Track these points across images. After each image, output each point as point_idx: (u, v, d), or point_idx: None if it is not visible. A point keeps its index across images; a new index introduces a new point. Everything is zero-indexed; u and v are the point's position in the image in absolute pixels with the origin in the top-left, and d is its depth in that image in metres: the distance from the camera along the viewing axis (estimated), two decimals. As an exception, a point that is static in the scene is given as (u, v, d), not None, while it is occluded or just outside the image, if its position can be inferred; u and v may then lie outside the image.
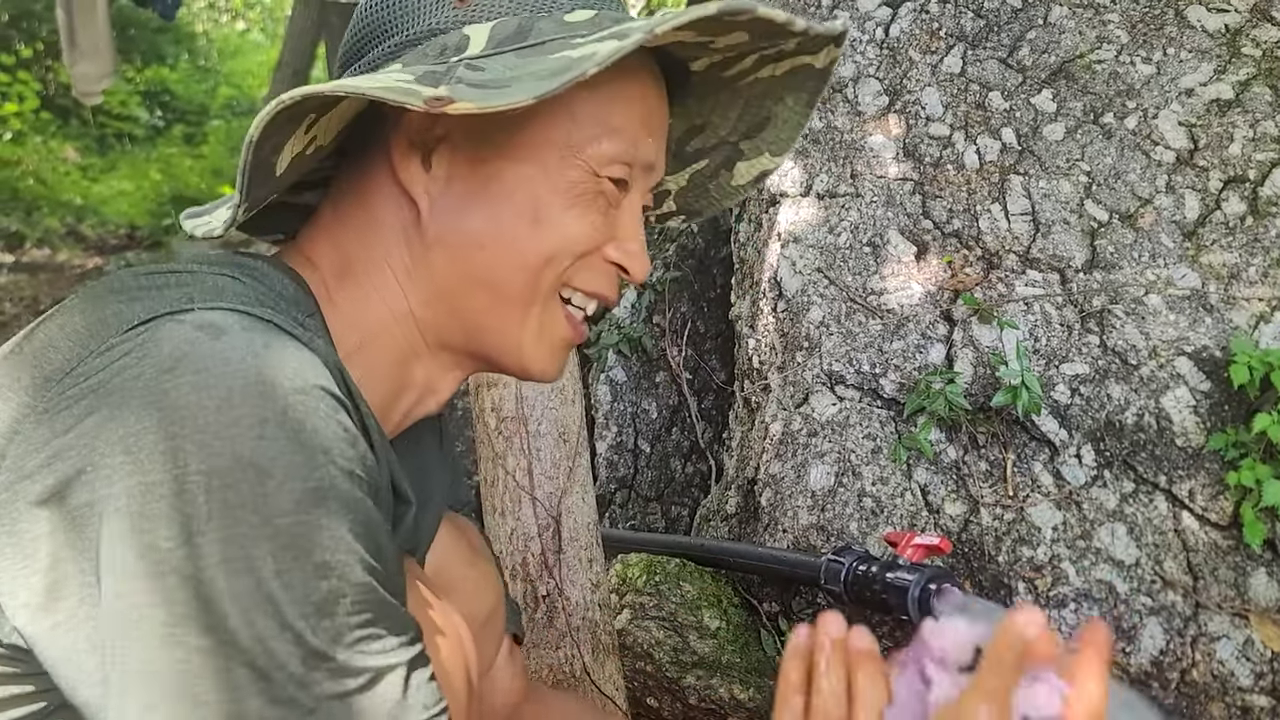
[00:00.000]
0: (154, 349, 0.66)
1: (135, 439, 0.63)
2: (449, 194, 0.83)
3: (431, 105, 0.70)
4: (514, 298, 0.84)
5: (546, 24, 0.81)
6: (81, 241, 6.13)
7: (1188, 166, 1.91)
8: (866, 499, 1.74)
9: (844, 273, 1.94)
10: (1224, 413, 1.67)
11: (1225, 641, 1.55)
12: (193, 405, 0.63)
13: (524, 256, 0.83)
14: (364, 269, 0.85)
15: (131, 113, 8.16)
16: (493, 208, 0.82)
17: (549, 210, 0.82)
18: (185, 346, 0.66)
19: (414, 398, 0.90)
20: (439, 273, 0.84)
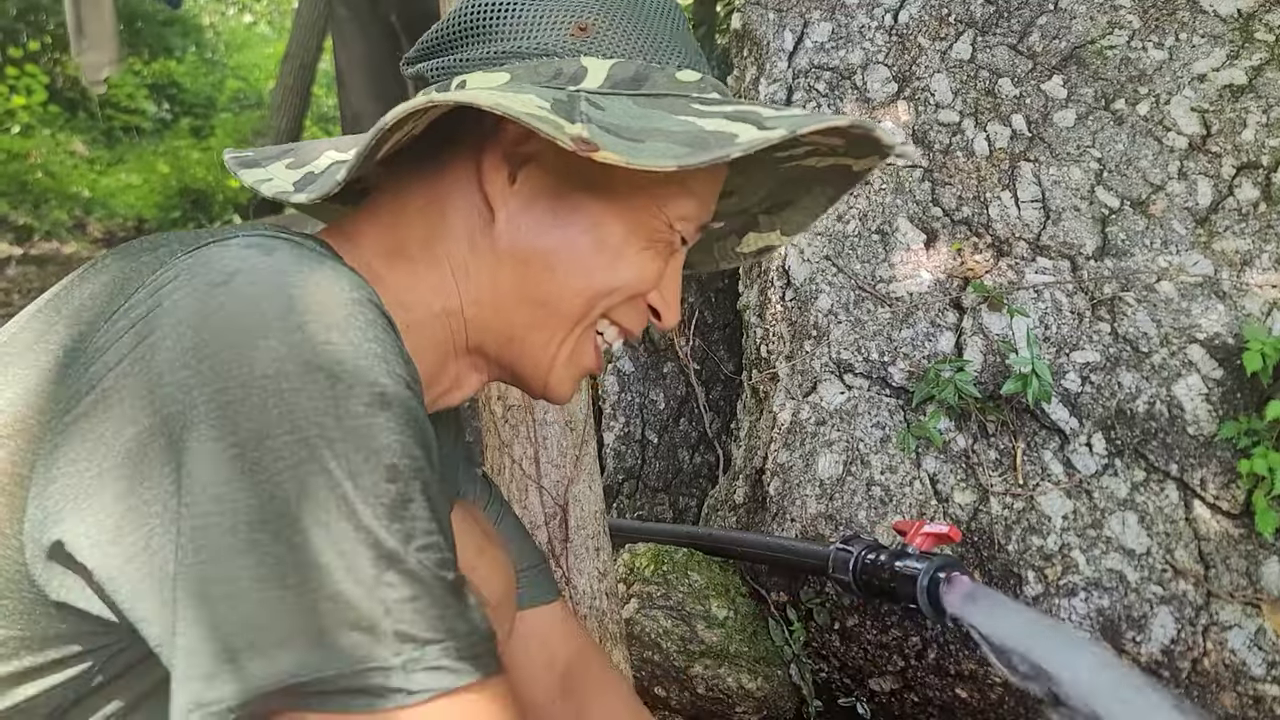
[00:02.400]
0: (203, 269, 0.66)
1: (196, 352, 0.63)
2: (530, 211, 0.85)
3: (580, 147, 0.73)
4: (562, 321, 0.88)
5: (660, 77, 0.85)
6: (89, 234, 6.15)
7: (1200, 153, 1.89)
8: (875, 488, 1.73)
9: (852, 261, 1.93)
10: (1236, 400, 1.65)
11: (1237, 631, 1.54)
12: (253, 313, 0.63)
13: (591, 286, 0.87)
14: (421, 257, 0.86)
15: (139, 106, 8.17)
16: (571, 235, 0.86)
17: (627, 249, 0.87)
18: (236, 262, 0.66)
19: (443, 388, 0.92)
20: (501, 282, 0.86)
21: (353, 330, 0.66)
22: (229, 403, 0.62)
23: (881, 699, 1.77)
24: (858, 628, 1.73)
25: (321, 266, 0.68)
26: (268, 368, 0.62)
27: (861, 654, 1.74)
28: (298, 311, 0.64)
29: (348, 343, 0.65)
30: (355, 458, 0.63)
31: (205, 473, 0.61)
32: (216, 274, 0.66)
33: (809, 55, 2.18)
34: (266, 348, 0.63)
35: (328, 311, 0.65)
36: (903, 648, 1.69)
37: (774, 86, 2.17)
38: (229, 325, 0.63)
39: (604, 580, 1.58)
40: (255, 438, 0.61)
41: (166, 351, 0.63)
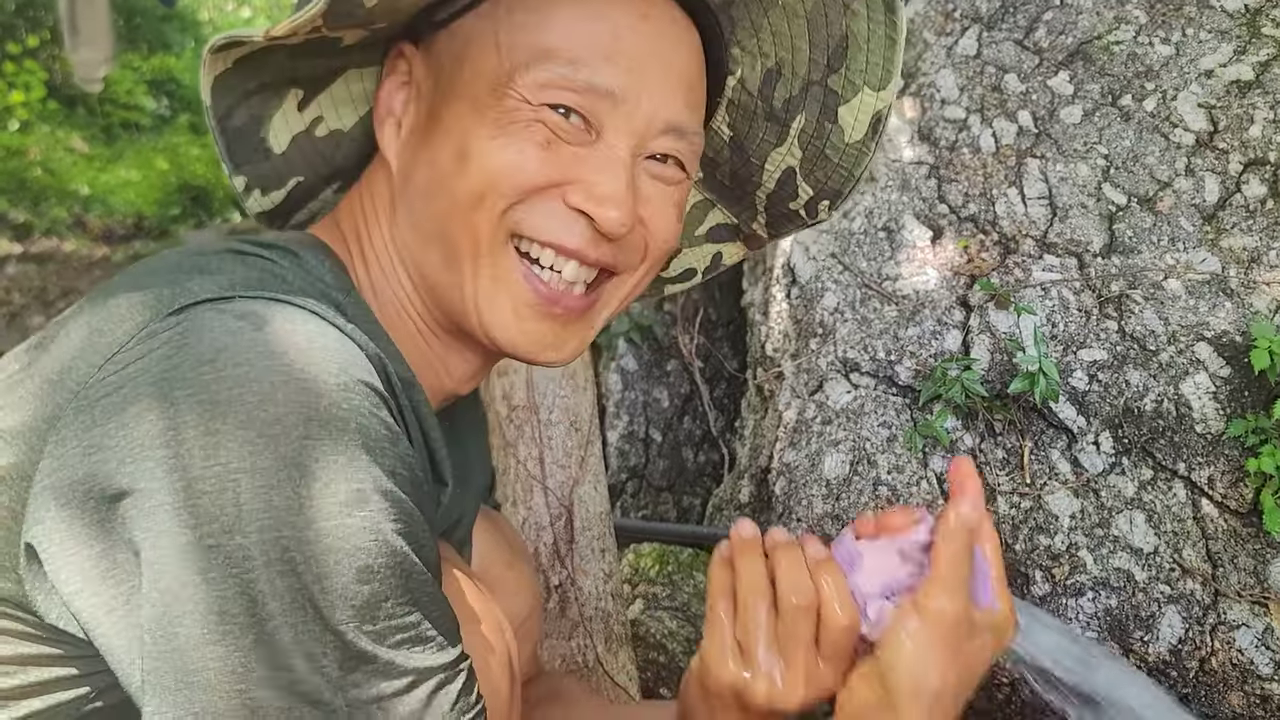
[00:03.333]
0: (194, 339, 0.64)
1: (175, 433, 0.61)
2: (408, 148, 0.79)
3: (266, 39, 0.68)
4: (458, 248, 0.78)
5: None
6: (89, 232, 6.13)
7: (1207, 149, 1.88)
8: (882, 487, 1.73)
9: (859, 258, 1.92)
10: (1244, 398, 1.65)
11: (1245, 630, 1.53)
12: (235, 400, 0.61)
13: (454, 196, 0.76)
14: (368, 242, 0.83)
15: (138, 102, 8.14)
16: (432, 154, 0.78)
17: (474, 143, 0.76)
18: (226, 338, 0.64)
19: (432, 376, 0.87)
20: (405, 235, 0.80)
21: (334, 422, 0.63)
22: (203, 494, 0.60)
23: (888, 699, 1.76)
24: (864, 627, 1.72)
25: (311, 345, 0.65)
26: (243, 461, 0.61)
27: (868, 654, 1.74)
28: (278, 402, 0.62)
29: (328, 436, 0.62)
30: (326, 560, 0.61)
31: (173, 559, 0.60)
32: (206, 350, 0.63)
33: (813, 51, 2.17)
34: (245, 440, 0.61)
35: (310, 400, 0.62)
36: (909, 647, 1.69)
37: (778, 83, 2.16)
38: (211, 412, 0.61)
39: (609, 581, 1.58)
40: (227, 531, 0.60)
41: (149, 425, 0.62)
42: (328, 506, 0.62)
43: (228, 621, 0.60)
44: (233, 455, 0.61)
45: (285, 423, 0.61)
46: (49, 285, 4.77)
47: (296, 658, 0.61)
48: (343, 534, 0.62)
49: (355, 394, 0.65)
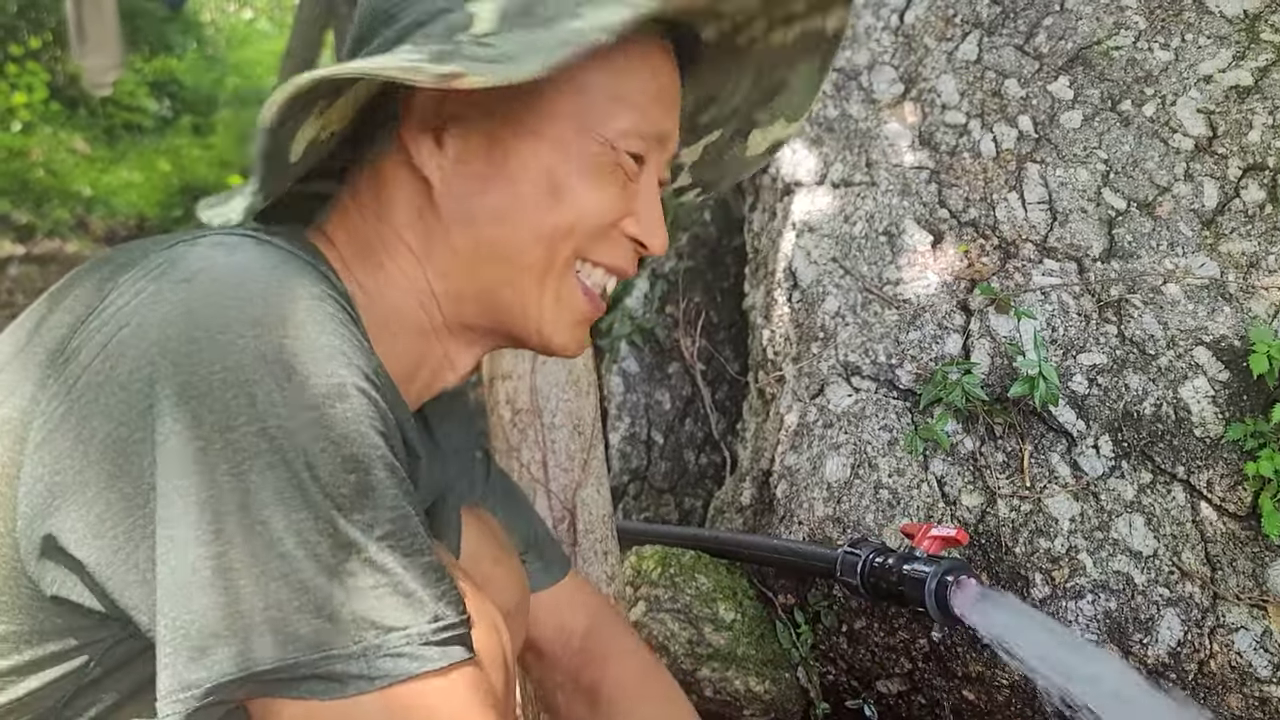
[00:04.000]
0: (169, 268, 0.69)
1: (160, 347, 0.65)
2: (463, 172, 0.84)
3: (439, 82, 0.71)
4: (531, 270, 0.85)
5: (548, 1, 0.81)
6: (91, 233, 6.14)
7: (1206, 154, 1.89)
8: (883, 490, 1.74)
9: (859, 262, 1.93)
10: (1243, 403, 1.66)
11: (1243, 633, 1.54)
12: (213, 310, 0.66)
13: (542, 229, 0.84)
14: (382, 248, 0.86)
15: (140, 103, 8.15)
16: (510, 183, 0.83)
17: (567, 183, 0.83)
18: (200, 261, 0.69)
19: (429, 373, 0.92)
20: (458, 249, 0.85)
21: (310, 325, 0.67)
22: (191, 397, 0.64)
23: (889, 701, 1.77)
24: (865, 630, 1.73)
25: (285, 264, 0.70)
26: (227, 361, 0.64)
27: (869, 656, 1.74)
28: (257, 308, 0.66)
29: (305, 337, 0.67)
30: (313, 448, 0.65)
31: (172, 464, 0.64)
32: (180, 272, 0.68)
33: (814, 56, 2.18)
34: (226, 343, 0.65)
35: (286, 307, 0.67)
36: (910, 650, 1.70)
37: (779, 88, 2.17)
38: (190, 322, 0.65)
39: (612, 584, 1.59)
40: (217, 430, 0.63)
41: (133, 349, 0.66)
42: (311, 399, 0.65)
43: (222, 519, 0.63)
44: (216, 359, 0.64)
45: (265, 325, 0.66)
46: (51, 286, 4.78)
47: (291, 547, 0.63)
48: (328, 423, 0.66)
49: (328, 303, 0.70)
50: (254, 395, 0.64)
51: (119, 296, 0.69)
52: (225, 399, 0.64)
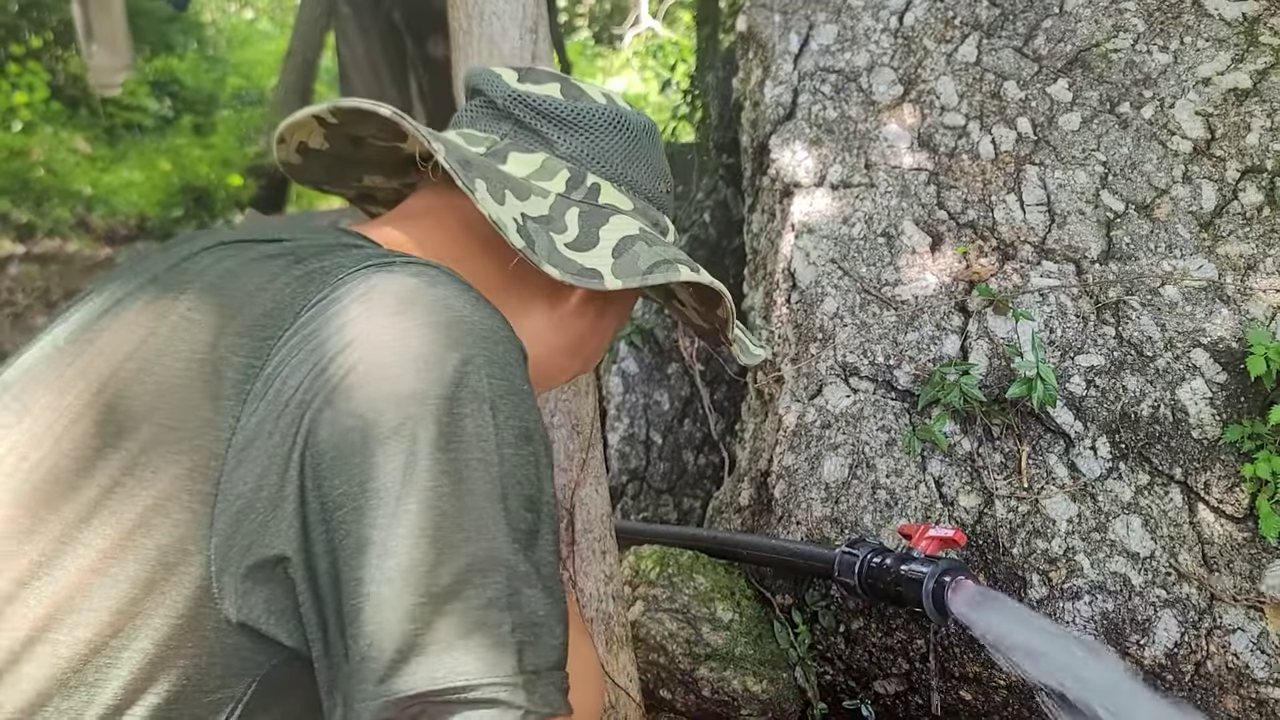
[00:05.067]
0: (378, 296, 0.73)
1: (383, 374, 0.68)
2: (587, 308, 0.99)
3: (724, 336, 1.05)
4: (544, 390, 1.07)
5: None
6: (91, 232, 6.15)
7: (1205, 156, 1.89)
8: (880, 491, 1.74)
9: (858, 264, 1.93)
10: (1240, 404, 1.66)
11: (1240, 634, 1.54)
12: (428, 343, 0.70)
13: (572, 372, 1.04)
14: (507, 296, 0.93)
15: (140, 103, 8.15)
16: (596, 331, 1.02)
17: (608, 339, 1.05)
18: (409, 292, 0.73)
19: None
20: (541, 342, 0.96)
21: (509, 367, 0.73)
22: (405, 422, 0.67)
23: (886, 701, 1.77)
24: (863, 631, 1.73)
25: (479, 302, 0.76)
26: (444, 390, 0.68)
27: (866, 657, 1.75)
28: (466, 345, 0.71)
29: (506, 379, 0.72)
30: (508, 482, 0.69)
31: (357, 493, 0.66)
32: (393, 302, 0.72)
33: (814, 58, 2.18)
34: (441, 376, 0.69)
35: (490, 348, 0.72)
36: (907, 650, 1.70)
37: (779, 89, 2.18)
38: (409, 355, 0.69)
39: (610, 583, 1.59)
40: (430, 452, 0.67)
41: (358, 376, 0.68)
42: (509, 437, 0.70)
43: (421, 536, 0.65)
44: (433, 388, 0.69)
45: (474, 363, 0.70)
46: (52, 285, 4.79)
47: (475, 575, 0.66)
48: (519, 462, 0.70)
49: (517, 348, 0.76)
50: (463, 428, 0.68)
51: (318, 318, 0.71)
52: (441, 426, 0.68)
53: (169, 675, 0.69)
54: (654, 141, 1.02)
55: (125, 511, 0.69)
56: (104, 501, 0.69)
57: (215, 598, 0.69)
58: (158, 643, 0.68)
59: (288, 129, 0.95)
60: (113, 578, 0.68)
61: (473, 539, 0.66)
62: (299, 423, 0.68)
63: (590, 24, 11.00)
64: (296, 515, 0.68)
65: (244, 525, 0.68)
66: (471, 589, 0.65)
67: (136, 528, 0.69)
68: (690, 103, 3.16)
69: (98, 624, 0.68)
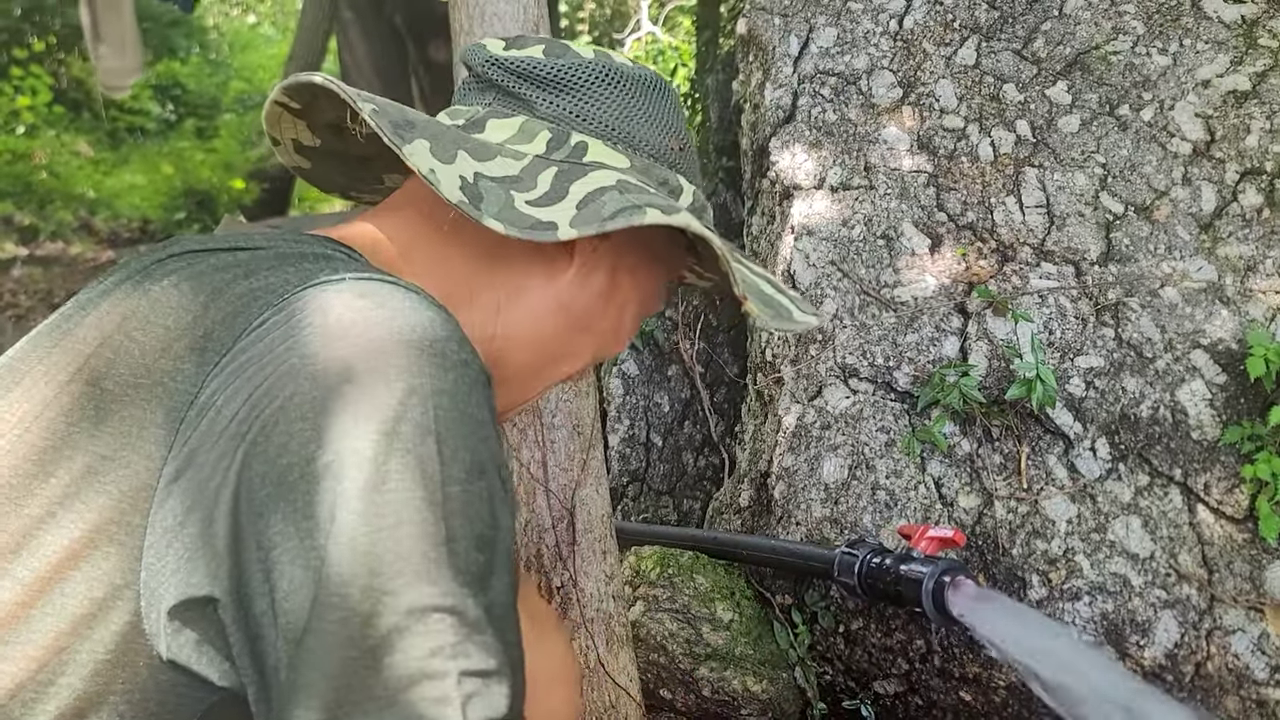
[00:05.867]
0: (319, 319, 0.68)
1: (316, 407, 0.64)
2: (593, 274, 0.91)
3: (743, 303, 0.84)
4: (560, 374, 0.94)
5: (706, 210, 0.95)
6: (94, 235, 6.16)
7: (1204, 158, 1.90)
8: (880, 492, 1.74)
9: (858, 265, 1.94)
10: (1240, 406, 1.66)
11: (1240, 635, 1.55)
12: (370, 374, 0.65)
13: (599, 354, 0.96)
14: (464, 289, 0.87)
15: (143, 106, 8.18)
16: (609, 309, 0.93)
17: (625, 330, 0.96)
18: (351, 314, 0.68)
19: None
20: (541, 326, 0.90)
21: (460, 395, 0.66)
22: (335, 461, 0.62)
23: (886, 702, 1.77)
24: (862, 631, 1.73)
25: (432, 323, 0.69)
26: (382, 425, 0.63)
27: (866, 657, 1.75)
28: (411, 373, 0.65)
29: (455, 408, 0.66)
30: (455, 521, 0.64)
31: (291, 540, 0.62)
32: (335, 326, 0.67)
33: (814, 60, 2.19)
34: (381, 408, 0.63)
35: (438, 374, 0.66)
36: (907, 651, 1.70)
37: (779, 92, 2.18)
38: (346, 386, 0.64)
39: (611, 583, 1.59)
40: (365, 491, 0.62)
41: (294, 410, 0.64)
42: (457, 473, 0.64)
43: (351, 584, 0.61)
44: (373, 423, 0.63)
45: (419, 394, 0.65)
46: (54, 288, 4.80)
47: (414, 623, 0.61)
48: (467, 500, 0.65)
49: (473, 368, 0.69)
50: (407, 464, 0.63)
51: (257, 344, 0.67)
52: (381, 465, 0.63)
53: (100, 713, 0.66)
54: (658, 96, 0.93)
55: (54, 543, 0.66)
56: (34, 532, 0.67)
57: (147, 635, 0.66)
58: (86, 678, 0.66)
59: (271, 128, 0.92)
60: (40, 611, 0.66)
61: (412, 584, 0.61)
62: (231, 456, 0.64)
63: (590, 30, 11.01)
64: (228, 554, 0.64)
65: (169, 561, 0.65)
66: (411, 638, 0.60)
67: (65, 559, 0.66)
68: (690, 106, 3.17)
69: (24, 659, 0.66)
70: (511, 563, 0.69)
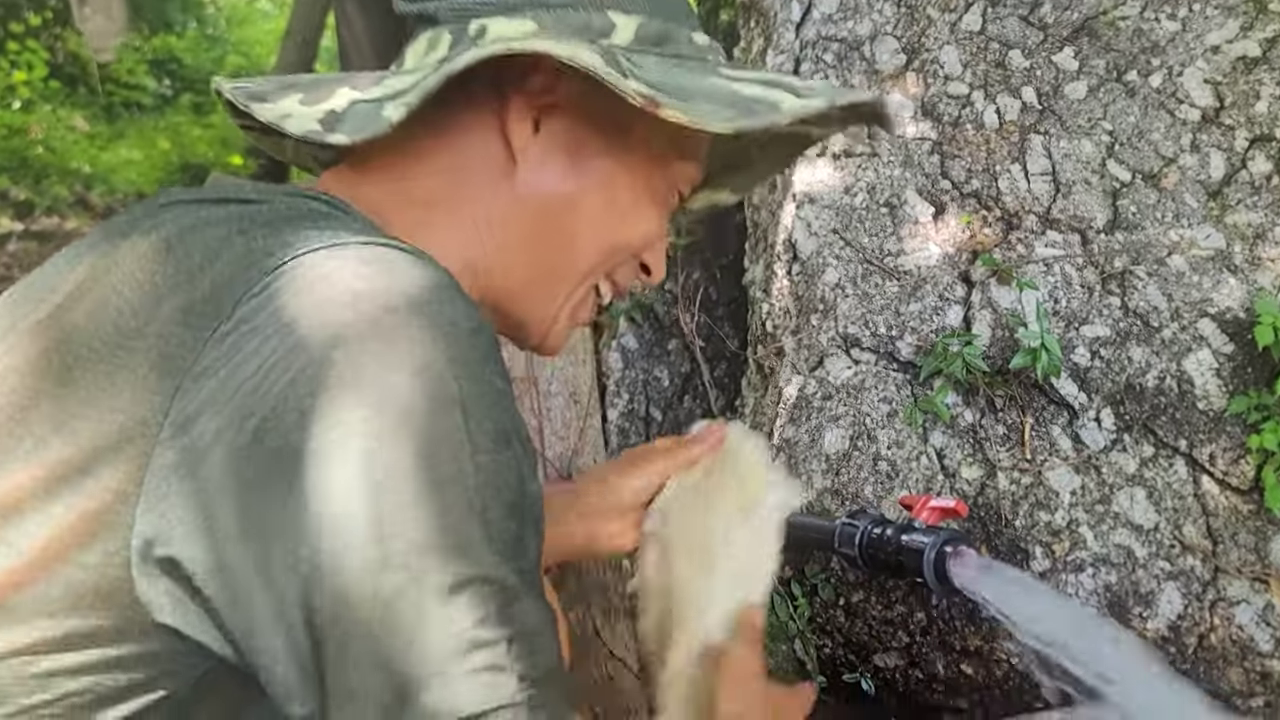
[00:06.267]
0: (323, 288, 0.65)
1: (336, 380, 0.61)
2: (550, 161, 0.85)
3: (645, 104, 0.73)
4: (573, 275, 0.88)
5: (680, 36, 0.84)
6: (90, 209, 6.12)
7: (1213, 125, 1.87)
8: (882, 463, 1.72)
9: (860, 234, 1.91)
10: (1247, 375, 1.64)
11: (1245, 606, 1.53)
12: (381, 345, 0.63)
13: (603, 241, 0.87)
14: (442, 208, 0.84)
15: (139, 81, 8.11)
16: (589, 188, 0.86)
17: (638, 207, 0.87)
18: (361, 284, 0.65)
19: None
20: (522, 232, 0.85)
21: (477, 363, 0.65)
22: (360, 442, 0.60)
23: (886, 675, 1.76)
24: (863, 603, 1.72)
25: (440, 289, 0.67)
26: (406, 401, 0.61)
27: (866, 630, 1.73)
28: (425, 345, 0.63)
29: (475, 377, 0.64)
30: (487, 493, 0.63)
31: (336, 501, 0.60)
32: (343, 296, 0.64)
33: (816, 26, 2.15)
34: (404, 383, 0.62)
35: (453, 344, 0.64)
36: (908, 623, 1.69)
37: (781, 58, 2.15)
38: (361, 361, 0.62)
39: (608, 554, 1.58)
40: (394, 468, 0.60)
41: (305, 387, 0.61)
42: (484, 443, 0.63)
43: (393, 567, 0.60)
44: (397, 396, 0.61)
45: (439, 366, 0.63)
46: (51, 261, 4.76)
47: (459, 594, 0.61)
48: (496, 469, 0.64)
49: (487, 333, 0.68)
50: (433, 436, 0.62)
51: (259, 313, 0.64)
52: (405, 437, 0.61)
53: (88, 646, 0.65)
54: None
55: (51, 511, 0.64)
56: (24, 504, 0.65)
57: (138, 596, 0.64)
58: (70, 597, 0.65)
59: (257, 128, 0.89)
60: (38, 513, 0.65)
61: (451, 559, 0.60)
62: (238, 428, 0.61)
63: (592, 3, 10.92)
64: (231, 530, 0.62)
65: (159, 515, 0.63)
66: (457, 610, 0.60)
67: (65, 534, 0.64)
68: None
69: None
70: (540, 525, 0.68)
